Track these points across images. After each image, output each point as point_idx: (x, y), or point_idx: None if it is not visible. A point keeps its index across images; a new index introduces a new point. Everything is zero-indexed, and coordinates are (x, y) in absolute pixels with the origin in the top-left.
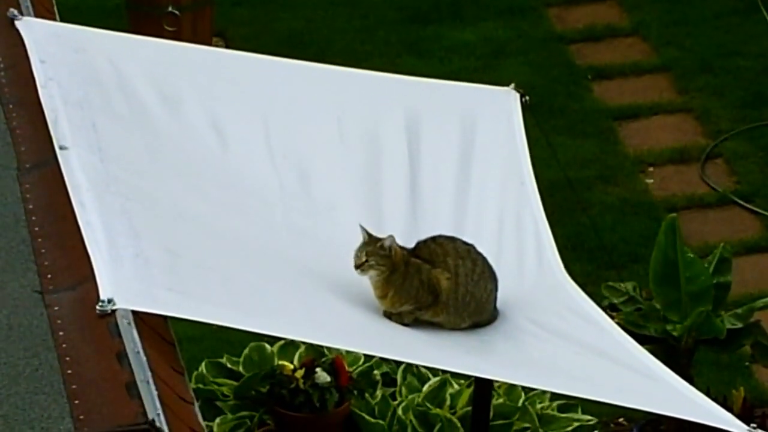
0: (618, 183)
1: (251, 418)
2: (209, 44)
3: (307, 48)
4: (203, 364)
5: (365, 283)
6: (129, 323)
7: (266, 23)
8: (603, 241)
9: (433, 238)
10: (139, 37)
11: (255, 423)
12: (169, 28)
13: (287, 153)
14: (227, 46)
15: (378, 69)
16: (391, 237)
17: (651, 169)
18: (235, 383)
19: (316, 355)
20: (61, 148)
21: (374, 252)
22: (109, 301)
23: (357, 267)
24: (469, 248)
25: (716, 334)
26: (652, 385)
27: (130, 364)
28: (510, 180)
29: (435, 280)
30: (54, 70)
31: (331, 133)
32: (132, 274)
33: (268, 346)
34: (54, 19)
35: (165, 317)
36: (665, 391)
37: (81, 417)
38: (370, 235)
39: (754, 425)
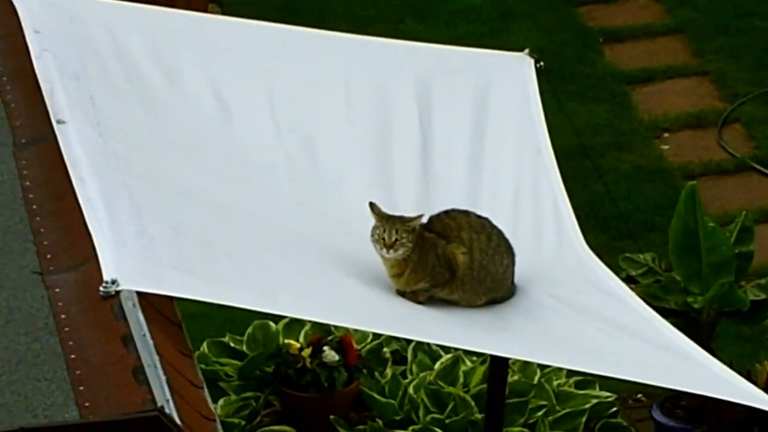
0: (632, 149)
1: (256, 399)
2: (205, 11)
3: (306, 13)
4: (205, 343)
5: (376, 259)
6: (134, 305)
7: None
8: (618, 210)
9: (446, 212)
10: (135, 5)
11: (260, 404)
12: None
13: (292, 124)
14: (224, 13)
15: (381, 34)
16: (420, 216)
17: (666, 134)
18: (239, 363)
19: (322, 333)
20: (58, 122)
21: (403, 230)
22: (113, 282)
23: (389, 247)
24: (484, 221)
25: (739, 306)
26: (680, 362)
27: (136, 348)
28: (526, 149)
29: (451, 256)
30: (49, 40)
31: (337, 103)
32: (136, 254)
33: (272, 324)
34: None
35: (171, 297)
36: (693, 368)
37: (87, 404)
38: (386, 215)
39: None
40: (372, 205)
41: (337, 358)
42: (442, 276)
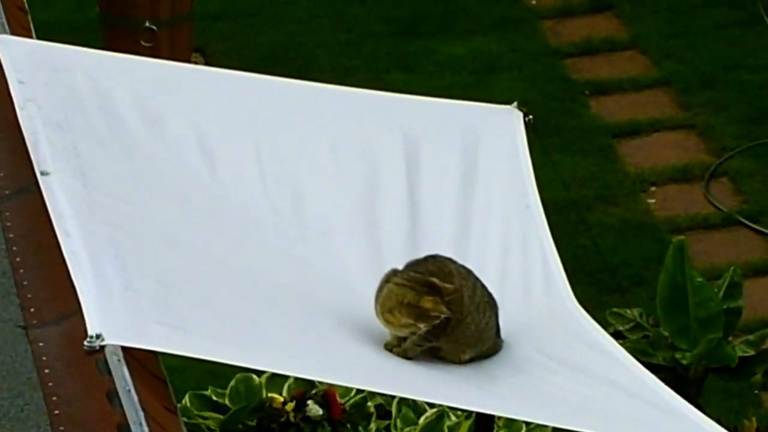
0: (618, 203)
1: None
2: (188, 61)
3: (290, 63)
4: (187, 396)
5: (363, 311)
6: (119, 360)
7: (248, 38)
8: (605, 263)
9: (433, 257)
10: (119, 55)
11: None
12: (146, 44)
13: (278, 176)
14: (207, 63)
15: (365, 84)
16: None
17: (653, 188)
18: (221, 417)
19: (306, 386)
20: (42, 173)
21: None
22: (98, 336)
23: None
24: (469, 270)
25: (728, 362)
26: (671, 419)
27: (121, 404)
28: (515, 203)
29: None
30: (33, 90)
31: (324, 155)
32: (121, 307)
33: (255, 377)
34: (31, 37)
35: (155, 352)
36: (684, 426)
37: None
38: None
39: None
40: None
41: (321, 412)
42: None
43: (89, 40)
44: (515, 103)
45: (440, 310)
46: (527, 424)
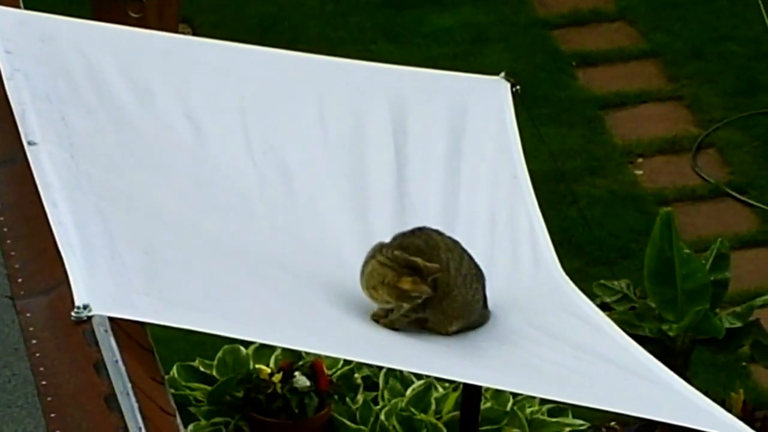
0: (606, 174)
1: (226, 424)
2: (176, 31)
3: (278, 35)
4: (175, 367)
5: (351, 285)
6: (106, 330)
7: (235, 9)
8: (592, 235)
9: (420, 229)
10: (107, 25)
11: (230, 430)
12: (134, 15)
13: (266, 146)
14: (195, 33)
15: (353, 56)
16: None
17: (640, 160)
18: (208, 388)
19: (293, 358)
20: (29, 143)
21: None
22: (85, 307)
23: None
24: (456, 243)
25: (715, 333)
26: (657, 390)
27: (108, 374)
28: (502, 174)
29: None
30: (20, 60)
31: (311, 126)
32: (108, 278)
33: (242, 348)
34: (18, 7)
35: (143, 323)
36: (671, 397)
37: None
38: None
39: None
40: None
41: (308, 383)
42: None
43: (77, 10)
44: (503, 74)
45: (420, 290)
46: (514, 395)
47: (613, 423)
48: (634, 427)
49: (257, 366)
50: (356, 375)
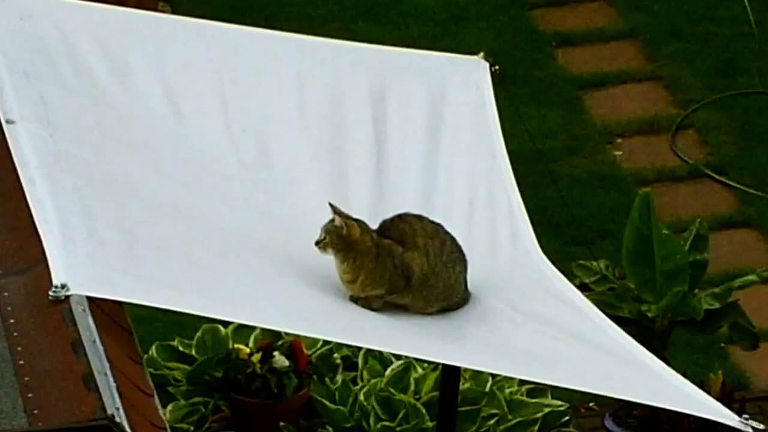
0: (585, 155)
1: (205, 404)
2: (155, 9)
3: (257, 13)
4: (153, 347)
5: (329, 264)
6: (84, 310)
7: None
8: (571, 216)
9: (400, 216)
10: (86, 3)
11: (209, 409)
12: None
13: (245, 125)
14: (174, 12)
15: (332, 35)
16: (358, 222)
17: (619, 140)
18: (187, 367)
19: (273, 337)
20: (7, 121)
21: (332, 230)
22: (63, 286)
23: (316, 243)
24: (437, 227)
25: (693, 314)
26: (635, 372)
27: (86, 354)
28: (481, 154)
29: (407, 264)
30: None
31: (290, 104)
32: (86, 257)
33: (222, 328)
34: None
35: (121, 302)
36: (649, 378)
37: (35, 411)
38: (339, 213)
39: (746, 416)
40: (331, 206)
41: (287, 363)
42: (398, 284)
43: None
44: (482, 54)
45: (363, 239)
46: (493, 376)
47: (591, 404)
48: (613, 408)
49: (236, 346)
50: (335, 355)
